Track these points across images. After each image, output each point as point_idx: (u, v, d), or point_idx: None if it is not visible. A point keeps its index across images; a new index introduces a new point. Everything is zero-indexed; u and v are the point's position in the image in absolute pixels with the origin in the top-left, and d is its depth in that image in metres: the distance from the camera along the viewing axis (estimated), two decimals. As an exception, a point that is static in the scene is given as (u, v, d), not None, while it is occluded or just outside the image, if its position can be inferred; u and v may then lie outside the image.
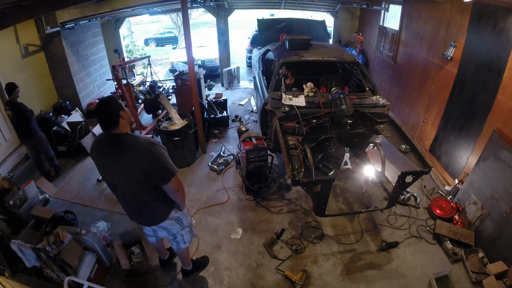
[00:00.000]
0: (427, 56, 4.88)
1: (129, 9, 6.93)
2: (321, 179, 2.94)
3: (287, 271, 3.10)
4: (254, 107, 7.05)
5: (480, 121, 3.63)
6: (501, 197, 3.04)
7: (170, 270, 3.21)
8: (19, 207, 3.75)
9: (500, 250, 3.02)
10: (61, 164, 4.91)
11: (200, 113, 4.91)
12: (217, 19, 8.45)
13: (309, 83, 4.18)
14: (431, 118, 4.78)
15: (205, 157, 5.18)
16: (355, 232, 3.63)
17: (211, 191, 4.37)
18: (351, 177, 4.49)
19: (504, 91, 3.25)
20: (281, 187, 4.32)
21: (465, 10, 3.88)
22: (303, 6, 8.36)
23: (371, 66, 7.59)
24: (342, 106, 3.63)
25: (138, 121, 5.98)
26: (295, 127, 3.58)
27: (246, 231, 3.67)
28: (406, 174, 2.97)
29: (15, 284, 2.94)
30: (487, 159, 3.29)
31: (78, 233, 2.94)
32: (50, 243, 2.68)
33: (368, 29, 7.76)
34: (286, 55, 4.52)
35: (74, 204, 4.16)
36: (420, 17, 5.14)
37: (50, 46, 5.71)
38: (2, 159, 4.63)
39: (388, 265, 3.20)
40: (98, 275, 2.95)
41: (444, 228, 3.43)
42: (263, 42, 6.09)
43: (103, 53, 7.59)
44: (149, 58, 6.70)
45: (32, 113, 4.32)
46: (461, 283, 3.01)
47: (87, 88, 6.65)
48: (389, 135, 3.56)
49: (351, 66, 5.09)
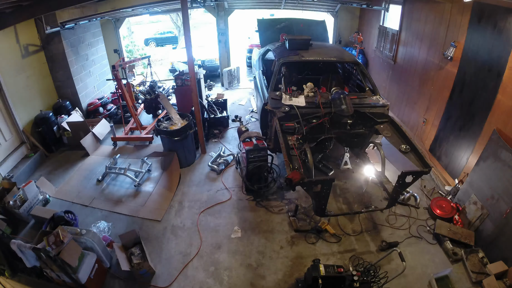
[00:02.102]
0: (427, 56, 4.88)
1: (129, 9, 6.92)
2: (321, 179, 2.94)
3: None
4: (254, 107, 7.05)
5: (480, 121, 3.63)
6: (501, 197, 3.04)
7: (170, 270, 3.21)
8: (19, 207, 3.75)
9: (500, 250, 3.03)
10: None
11: (200, 113, 4.91)
12: (217, 19, 8.45)
13: (309, 83, 4.18)
14: (431, 118, 4.78)
15: (205, 157, 5.18)
16: (355, 232, 3.63)
17: (211, 191, 4.37)
18: (351, 177, 4.49)
19: (504, 91, 3.25)
20: (281, 187, 4.32)
21: (465, 10, 3.88)
22: (303, 6, 8.35)
23: (371, 66, 7.59)
24: (342, 106, 3.63)
25: (138, 121, 5.98)
26: (295, 127, 3.58)
27: (246, 231, 3.67)
28: (406, 174, 2.97)
29: (15, 284, 2.94)
30: (487, 159, 3.29)
31: (78, 233, 2.94)
32: (50, 243, 2.68)
33: (368, 29, 7.76)
34: (286, 55, 4.52)
35: (74, 204, 4.16)
36: (420, 17, 5.14)
37: (50, 46, 5.71)
38: (2, 159, 4.63)
39: (388, 265, 3.20)
40: (98, 275, 2.95)
41: (444, 228, 3.43)
42: (263, 42, 6.09)
43: (103, 53, 7.59)
44: (149, 58, 6.69)
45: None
46: (461, 283, 3.01)
47: (87, 88, 6.64)
48: (389, 135, 3.56)
49: (351, 66, 5.09)
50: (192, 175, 4.75)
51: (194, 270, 3.21)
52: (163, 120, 4.95)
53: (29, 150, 5.11)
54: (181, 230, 3.72)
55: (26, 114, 5.16)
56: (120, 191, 4.40)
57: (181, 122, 4.81)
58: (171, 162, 4.75)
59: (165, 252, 3.42)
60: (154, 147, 5.45)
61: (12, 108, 4.81)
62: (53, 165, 5.07)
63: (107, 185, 4.56)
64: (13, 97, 4.85)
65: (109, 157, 5.20)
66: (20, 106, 4.99)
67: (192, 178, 4.69)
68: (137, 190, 4.39)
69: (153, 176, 4.69)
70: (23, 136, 5.05)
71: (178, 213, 3.98)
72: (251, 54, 8.61)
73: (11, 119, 4.86)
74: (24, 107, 5.11)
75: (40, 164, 5.10)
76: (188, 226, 3.77)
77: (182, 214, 3.96)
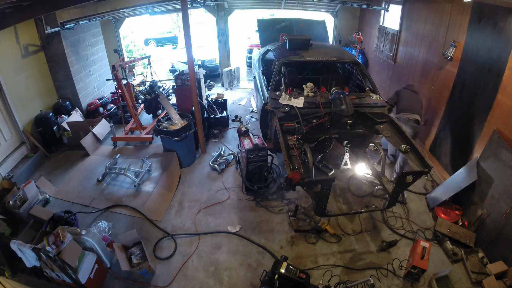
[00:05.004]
0: (427, 56, 4.88)
1: (129, 9, 6.92)
2: (321, 179, 2.94)
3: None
4: (254, 107, 7.05)
5: (480, 121, 3.63)
6: (501, 197, 3.04)
7: (170, 270, 3.21)
8: (19, 207, 3.75)
9: (500, 250, 3.02)
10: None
11: (200, 113, 4.91)
12: (217, 19, 8.45)
13: (309, 83, 4.18)
14: (431, 118, 4.78)
15: (205, 157, 5.18)
16: (355, 232, 3.63)
17: (211, 191, 4.37)
18: (352, 177, 4.49)
19: (504, 91, 3.25)
20: (281, 187, 4.32)
21: (465, 10, 3.88)
22: (303, 6, 8.36)
23: (371, 66, 7.59)
24: (342, 106, 3.62)
25: (138, 121, 5.98)
26: (295, 127, 3.58)
27: (246, 231, 3.67)
28: (406, 174, 2.97)
29: (15, 284, 2.94)
30: (487, 159, 3.29)
31: (78, 233, 2.93)
32: (50, 243, 2.68)
33: (368, 29, 7.76)
34: (286, 55, 4.52)
35: (74, 204, 4.16)
36: (420, 17, 5.14)
37: (50, 46, 5.71)
38: (2, 159, 4.63)
39: (388, 265, 3.20)
40: (98, 275, 2.95)
41: (444, 226, 3.43)
42: (263, 42, 6.09)
43: (103, 53, 7.59)
44: (149, 58, 6.69)
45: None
46: (461, 283, 3.01)
47: (87, 88, 6.64)
48: (389, 135, 3.56)
49: (351, 66, 5.09)
50: (192, 175, 4.75)
51: (194, 270, 3.21)
52: (163, 120, 4.95)
53: (29, 150, 5.11)
54: (181, 230, 3.72)
55: (26, 114, 5.16)
56: (120, 191, 4.40)
57: (181, 122, 4.81)
58: (171, 162, 4.75)
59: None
60: (154, 147, 5.46)
61: (12, 108, 4.81)
62: (53, 165, 5.07)
63: (107, 185, 4.56)
64: (13, 97, 4.85)
65: (109, 157, 5.20)
66: (20, 106, 4.99)
67: (192, 178, 4.69)
68: (137, 190, 4.39)
69: (153, 176, 4.69)
70: (23, 136, 5.05)
71: (178, 213, 3.98)
72: (251, 54, 8.61)
73: (11, 119, 4.87)
74: (24, 107, 5.11)
75: (40, 164, 5.10)
76: (188, 226, 3.77)
77: (182, 214, 3.95)
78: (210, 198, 4.24)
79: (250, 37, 11.44)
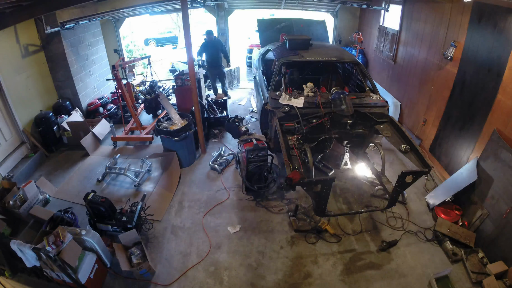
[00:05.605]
0: (427, 56, 4.88)
1: (129, 9, 6.92)
2: (321, 179, 2.94)
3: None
4: (254, 107, 7.05)
5: (480, 121, 3.63)
6: (501, 197, 3.04)
7: (170, 270, 3.21)
8: (19, 207, 3.75)
9: (500, 250, 3.03)
10: None
11: (200, 113, 4.91)
12: (217, 19, 8.46)
13: (309, 83, 4.18)
14: (431, 118, 4.78)
15: (205, 157, 5.18)
16: (355, 232, 3.63)
17: (211, 191, 4.37)
18: (351, 177, 4.49)
19: (504, 91, 3.25)
20: (281, 187, 4.32)
21: (465, 10, 3.88)
22: (303, 6, 8.36)
23: (371, 66, 7.59)
24: (342, 106, 3.63)
25: (138, 121, 5.98)
26: (295, 127, 3.58)
27: (246, 231, 3.67)
28: (406, 174, 2.97)
29: (15, 284, 2.94)
30: (487, 159, 3.29)
31: (78, 233, 2.93)
32: (50, 243, 2.68)
33: (368, 29, 7.76)
34: (286, 55, 4.52)
35: (74, 204, 4.16)
36: (420, 17, 5.14)
37: (50, 46, 5.70)
38: (2, 159, 4.63)
39: (388, 265, 3.21)
40: (98, 275, 2.95)
41: (444, 226, 3.43)
42: (263, 42, 6.09)
43: (103, 53, 7.58)
44: (149, 58, 6.69)
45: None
46: (461, 283, 3.01)
47: (87, 88, 6.64)
48: (389, 135, 3.56)
49: (351, 66, 5.09)
50: (192, 175, 4.75)
51: (194, 270, 3.21)
52: (163, 120, 4.95)
53: (29, 150, 5.11)
54: (181, 230, 3.72)
55: (26, 114, 5.16)
56: (120, 191, 4.40)
57: (181, 122, 4.81)
58: (171, 162, 4.75)
59: (165, 252, 3.42)
60: (154, 147, 5.46)
61: (12, 108, 4.81)
62: (53, 165, 5.07)
63: (107, 185, 4.56)
64: (13, 97, 4.85)
65: (109, 157, 5.20)
66: (20, 106, 4.99)
67: (192, 178, 4.69)
68: (137, 190, 4.39)
69: (153, 176, 4.69)
70: (23, 136, 5.05)
71: (178, 213, 3.98)
72: (251, 54, 8.61)
73: (11, 119, 4.86)
74: (24, 107, 5.11)
75: (40, 164, 5.10)
76: (188, 226, 3.77)
77: (182, 214, 3.96)
78: (210, 198, 4.24)
79: (250, 37, 11.44)
